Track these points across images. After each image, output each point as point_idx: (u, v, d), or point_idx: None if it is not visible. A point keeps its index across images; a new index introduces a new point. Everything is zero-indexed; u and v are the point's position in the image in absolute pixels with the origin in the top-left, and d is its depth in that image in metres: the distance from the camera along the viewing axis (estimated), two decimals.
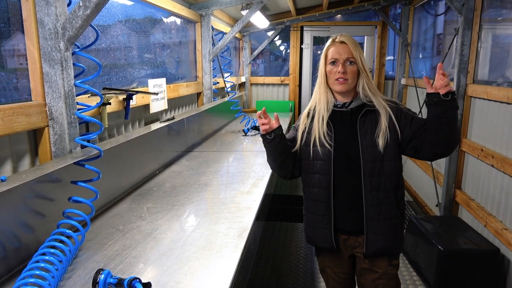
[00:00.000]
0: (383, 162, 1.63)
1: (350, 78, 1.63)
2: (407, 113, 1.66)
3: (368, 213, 1.65)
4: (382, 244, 1.67)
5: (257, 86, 6.63)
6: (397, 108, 1.66)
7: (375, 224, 1.65)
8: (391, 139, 1.62)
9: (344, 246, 1.76)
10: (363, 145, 1.63)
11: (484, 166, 3.13)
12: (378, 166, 1.62)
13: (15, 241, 1.30)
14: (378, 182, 1.63)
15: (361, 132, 1.64)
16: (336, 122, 1.69)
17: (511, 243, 2.65)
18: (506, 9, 3.05)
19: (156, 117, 3.04)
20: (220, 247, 1.46)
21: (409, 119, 1.64)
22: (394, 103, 1.69)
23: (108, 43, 2.39)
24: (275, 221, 4.25)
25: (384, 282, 1.72)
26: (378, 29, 6.10)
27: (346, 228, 1.71)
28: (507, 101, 2.80)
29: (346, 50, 1.62)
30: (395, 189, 1.65)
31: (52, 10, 1.57)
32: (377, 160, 1.62)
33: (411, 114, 1.67)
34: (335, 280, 1.86)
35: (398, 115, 1.65)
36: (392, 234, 1.68)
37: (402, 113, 1.66)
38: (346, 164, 1.66)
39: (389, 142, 1.62)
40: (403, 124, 1.64)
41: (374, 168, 1.62)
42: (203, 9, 3.84)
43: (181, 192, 2.10)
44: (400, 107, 1.68)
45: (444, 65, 4.08)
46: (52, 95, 1.64)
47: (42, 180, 1.42)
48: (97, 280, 1.15)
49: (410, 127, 1.63)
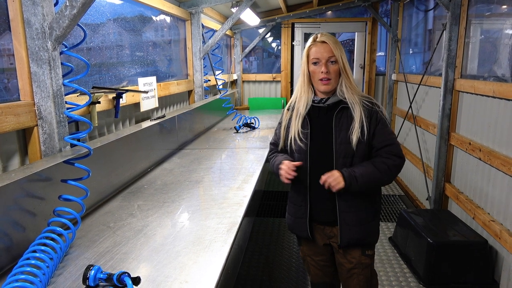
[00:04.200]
0: (353, 158, 1.70)
1: (333, 78, 1.69)
2: (379, 121, 1.70)
3: (340, 206, 1.74)
4: (355, 236, 1.75)
5: (249, 83, 6.64)
6: (372, 110, 1.70)
7: (348, 216, 1.74)
8: (362, 136, 1.67)
9: (320, 235, 1.86)
10: (336, 141, 1.70)
11: (472, 159, 3.19)
12: (349, 161, 1.70)
13: (5, 240, 1.31)
14: None
15: (336, 128, 1.70)
16: (314, 117, 1.76)
17: (498, 235, 2.71)
18: (493, 4, 3.10)
19: (147, 115, 3.05)
20: (209, 242, 1.49)
21: (374, 129, 1.70)
22: (370, 102, 1.72)
23: (97, 42, 2.40)
24: (267, 217, 4.28)
25: (359, 271, 1.81)
26: (369, 25, 6.14)
27: (321, 218, 1.82)
28: (493, 95, 2.84)
29: (327, 50, 1.67)
30: None
31: (39, 10, 1.57)
32: (348, 156, 1.70)
33: (380, 124, 1.70)
34: (316, 268, 1.96)
35: (370, 116, 1.70)
36: (364, 225, 1.75)
37: (373, 117, 1.70)
38: (320, 158, 1.74)
39: (361, 139, 1.67)
40: (371, 129, 1.70)
41: (345, 163, 1.70)
42: (193, 7, 3.85)
43: (172, 189, 2.12)
44: (375, 109, 1.71)
45: (433, 60, 4.14)
46: (41, 95, 1.65)
47: (32, 179, 1.43)
48: (87, 275, 1.17)
49: (373, 138, 1.70)
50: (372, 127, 1.69)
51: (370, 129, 1.69)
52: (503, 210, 2.72)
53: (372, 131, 1.69)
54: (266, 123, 4.44)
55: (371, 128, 1.69)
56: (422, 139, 4.43)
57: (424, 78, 4.29)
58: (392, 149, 1.70)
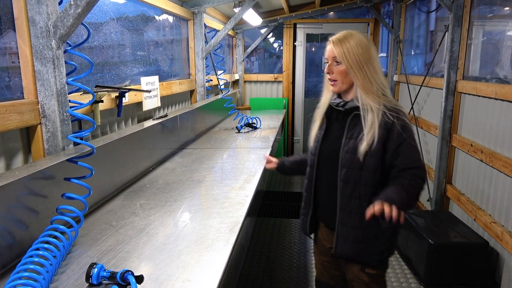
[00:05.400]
0: (362, 172, 1.56)
1: (338, 79, 1.60)
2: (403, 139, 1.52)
3: (339, 217, 1.64)
4: (350, 252, 1.65)
5: (250, 83, 6.64)
6: (393, 124, 1.51)
7: (345, 230, 1.63)
8: (374, 149, 1.52)
9: (325, 237, 1.81)
10: (343, 149, 1.59)
11: (474, 161, 3.19)
12: (355, 174, 1.57)
13: (9, 237, 1.32)
14: (352, 189, 1.58)
15: (346, 136, 1.60)
16: (332, 120, 1.69)
17: (499, 236, 2.71)
18: (496, 6, 3.10)
19: (149, 114, 3.05)
20: (211, 241, 1.49)
21: (397, 147, 1.52)
22: (395, 113, 1.53)
23: (101, 41, 2.40)
24: (268, 217, 4.29)
25: (358, 285, 1.71)
26: (371, 26, 6.14)
27: (324, 221, 1.79)
28: (495, 96, 2.84)
29: (330, 50, 1.61)
30: (369, 200, 1.53)
31: (43, 9, 1.58)
32: (355, 168, 1.56)
33: (406, 143, 1.52)
34: (321, 266, 1.93)
35: (389, 130, 1.52)
36: (362, 244, 1.61)
37: (393, 132, 1.52)
38: (327, 164, 1.68)
39: (372, 152, 1.53)
40: (391, 145, 1.53)
41: (349, 175, 1.58)
42: (196, 6, 3.85)
43: (174, 189, 2.12)
44: (399, 123, 1.51)
45: (435, 61, 4.14)
46: (45, 93, 1.65)
47: (35, 177, 1.43)
48: (90, 273, 1.18)
49: (396, 157, 1.54)
50: (393, 144, 1.52)
51: (388, 144, 1.52)
52: (505, 211, 2.72)
53: (393, 148, 1.52)
54: (268, 123, 4.44)
55: (391, 144, 1.52)
56: (423, 140, 4.43)
57: (426, 79, 4.29)
58: (419, 173, 1.52)
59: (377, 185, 1.56)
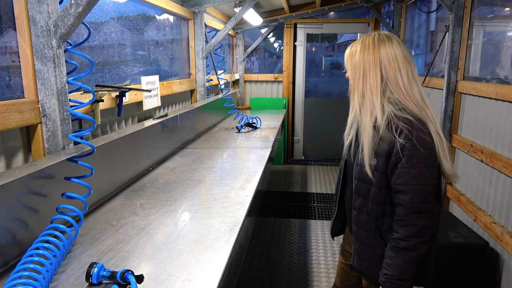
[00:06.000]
0: (371, 187, 1.45)
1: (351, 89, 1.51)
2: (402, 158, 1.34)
3: (354, 229, 1.57)
4: (361, 267, 1.57)
5: (251, 83, 6.64)
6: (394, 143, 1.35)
7: (357, 244, 1.57)
8: (378, 165, 1.40)
9: (348, 241, 1.79)
10: (357, 159, 1.49)
11: (474, 161, 3.19)
12: (365, 188, 1.47)
13: (9, 237, 1.31)
14: (361, 204, 1.50)
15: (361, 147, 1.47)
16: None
17: (499, 237, 2.70)
18: (496, 7, 3.10)
19: (149, 114, 3.05)
20: (212, 241, 1.49)
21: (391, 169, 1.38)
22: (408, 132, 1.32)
23: (101, 41, 2.40)
24: (269, 217, 4.29)
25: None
26: (371, 26, 6.14)
27: (349, 226, 1.70)
28: (495, 97, 2.84)
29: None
30: (376, 217, 1.45)
31: (44, 8, 1.58)
32: (365, 182, 1.47)
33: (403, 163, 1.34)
34: (340, 268, 1.90)
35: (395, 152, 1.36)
36: (370, 262, 1.52)
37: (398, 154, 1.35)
38: (350, 170, 1.60)
39: (376, 167, 1.40)
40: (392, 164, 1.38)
41: (359, 188, 1.49)
42: (196, 6, 3.85)
43: (174, 188, 2.12)
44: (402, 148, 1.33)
45: (435, 62, 4.14)
46: (45, 92, 1.65)
47: (35, 176, 1.43)
48: (90, 273, 1.18)
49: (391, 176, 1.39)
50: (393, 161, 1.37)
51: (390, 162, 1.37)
52: (505, 212, 2.72)
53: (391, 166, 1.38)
54: (268, 123, 4.44)
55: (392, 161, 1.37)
56: None
57: (426, 79, 4.29)
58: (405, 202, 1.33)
59: (383, 202, 1.43)
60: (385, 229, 1.45)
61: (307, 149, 6.78)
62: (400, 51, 1.41)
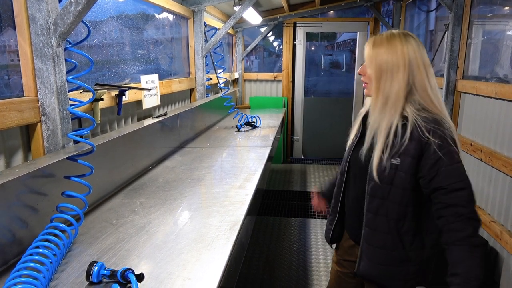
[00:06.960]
0: (391, 187, 1.39)
1: (369, 82, 1.45)
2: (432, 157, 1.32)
3: (364, 233, 1.49)
4: (373, 273, 1.49)
5: (250, 82, 6.64)
6: (427, 143, 1.32)
7: (370, 249, 1.48)
8: (404, 165, 1.35)
9: (346, 248, 1.70)
10: (373, 158, 1.41)
11: (473, 160, 3.19)
12: (383, 188, 1.40)
13: (9, 235, 1.31)
14: (378, 205, 1.43)
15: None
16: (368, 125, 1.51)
17: (499, 236, 2.71)
18: (496, 6, 3.10)
19: (149, 113, 3.05)
20: (212, 239, 1.49)
21: (428, 169, 1.33)
22: (441, 132, 1.32)
23: (100, 39, 2.40)
24: (268, 216, 4.29)
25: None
26: (371, 25, 6.14)
27: (349, 232, 1.66)
28: (495, 96, 2.85)
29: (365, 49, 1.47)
30: (397, 219, 1.40)
31: (44, 6, 1.57)
32: (383, 182, 1.39)
33: (447, 163, 1.31)
34: (335, 276, 1.81)
35: (431, 152, 1.32)
36: (385, 265, 1.45)
37: (435, 154, 1.31)
38: (357, 171, 1.54)
39: (400, 167, 1.36)
40: (424, 166, 1.34)
41: (376, 188, 1.41)
42: (196, 5, 3.84)
43: (174, 187, 2.12)
44: (439, 148, 1.31)
45: (435, 61, 4.14)
46: (45, 91, 1.65)
47: (35, 175, 1.43)
48: (91, 272, 1.18)
49: (423, 181, 1.35)
50: (423, 163, 1.34)
51: (421, 163, 1.34)
52: (504, 211, 2.72)
53: (423, 168, 1.34)
54: (267, 122, 4.44)
55: (422, 163, 1.34)
56: None
57: None
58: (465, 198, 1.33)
59: (406, 204, 1.39)
60: (404, 230, 1.41)
61: (306, 148, 6.79)
62: (425, 54, 1.41)
